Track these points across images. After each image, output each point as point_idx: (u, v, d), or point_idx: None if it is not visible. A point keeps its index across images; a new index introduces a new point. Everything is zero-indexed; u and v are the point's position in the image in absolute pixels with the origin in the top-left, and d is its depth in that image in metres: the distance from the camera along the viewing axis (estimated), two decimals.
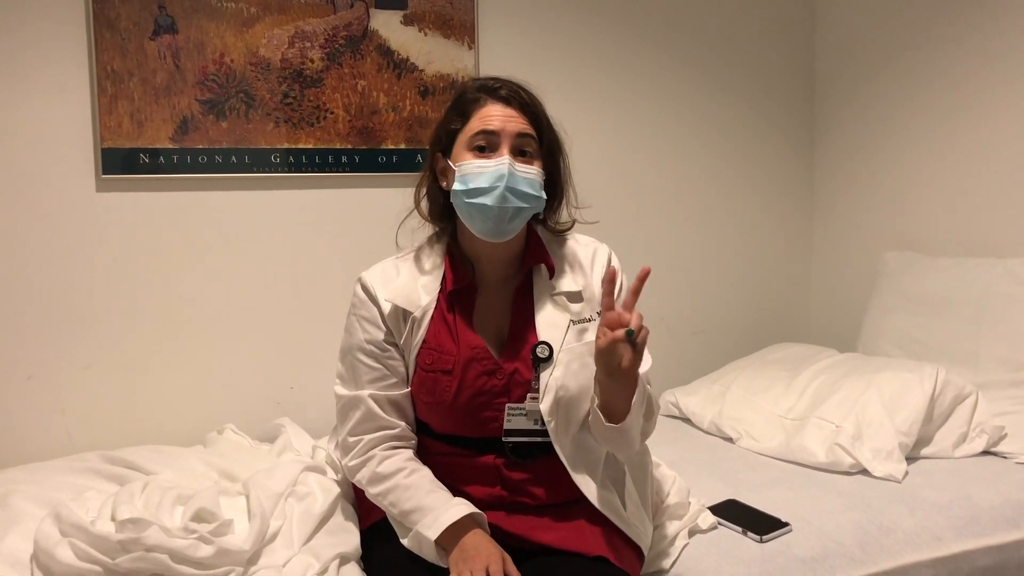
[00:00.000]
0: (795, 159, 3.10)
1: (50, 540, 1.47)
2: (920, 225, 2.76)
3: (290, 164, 2.38)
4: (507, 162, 1.48)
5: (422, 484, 1.49)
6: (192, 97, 2.27)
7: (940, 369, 2.21)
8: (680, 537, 1.70)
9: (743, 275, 3.05)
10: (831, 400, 2.23)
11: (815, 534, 1.77)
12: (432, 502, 1.45)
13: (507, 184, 1.47)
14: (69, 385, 2.22)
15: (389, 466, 1.51)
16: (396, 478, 1.49)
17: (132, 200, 2.24)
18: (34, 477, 1.87)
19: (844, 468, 2.07)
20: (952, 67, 2.63)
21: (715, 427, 2.43)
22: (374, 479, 1.52)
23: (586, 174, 1.68)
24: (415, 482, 1.49)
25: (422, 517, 1.43)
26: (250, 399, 2.38)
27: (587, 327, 1.56)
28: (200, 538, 1.47)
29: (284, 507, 1.63)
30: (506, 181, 1.47)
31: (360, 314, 1.58)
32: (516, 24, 2.62)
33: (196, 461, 1.98)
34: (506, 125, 1.50)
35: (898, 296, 2.62)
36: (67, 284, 2.20)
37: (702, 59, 2.90)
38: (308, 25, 2.37)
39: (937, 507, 1.89)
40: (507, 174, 1.47)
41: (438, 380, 1.53)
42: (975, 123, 2.58)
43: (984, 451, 2.17)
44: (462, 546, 1.40)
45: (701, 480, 2.00)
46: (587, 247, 1.65)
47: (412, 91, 2.49)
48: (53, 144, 2.16)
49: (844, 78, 2.99)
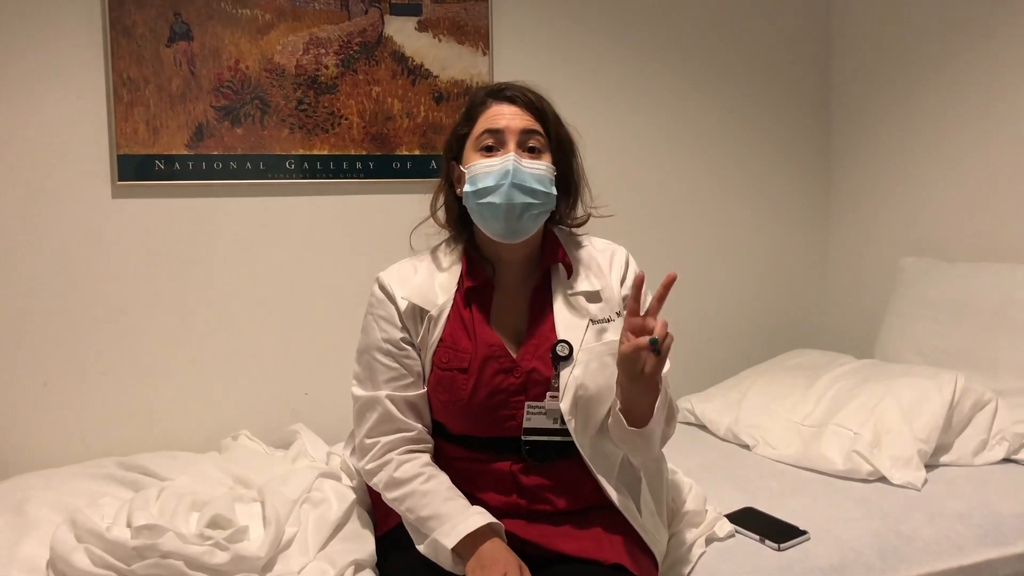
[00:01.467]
0: (811, 165, 3.09)
1: (66, 546, 1.48)
2: (938, 230, 2.74)
3: (305, 170, 2.38)
4: (512, 158, 1.48)
5: (439, 491, 1.48)
6: (207, 104, 2.28)
7: (959, 376, 2.18)
8: (697, 545, 1.69)
9: (760, 281, 3.04)
10: (849, 407, 2.21)
11: (833, 542, 1.75)
12: (449, 510, 1.44)
13: (513, 180, 1.46)
14: (84, 391, 2.23)
15: (406, 471, 1.50)
16: (413, 484, 1.49)
17: (148, 206, 2.26)
18: (50, 483, 1.87)
19: (862, 476, 2.05)
20: (969, 72, 2.61)
21: (732, 434, 2.41)
22: (391, 484, 1.51)
23: (601, 180, 1.68)
24: (432, 488, 1.48)
25: (439, 525, 1.42)
26: (265, 405, 2.38)
27: (606, 327, 1.55)
28: (215, 544, 1.48)
29: (299, 513, 1.63)
30: (511, 177, 1.46)
31: (377, 313, 1.57)
32: (530, 30, 2.62)
33: (211, 467, 1.98)
34: (510, 122, 1.51)
35: (916, 302, 2.60)
36: (83, 290, 2.21)
37: (717, 63, 2.90)
38: (323, 32, 2.38)
39: (957, 515, 1.86)
40: (512, 170, 1.47)
41: (455, 378, 1.52)
42: (992, 127, 2.55)
43: (1004, 459, 2.14)
44: (479, 555, 1.39)
45: (718, 487, 1.98)
46: (604, 249, 1.65)
47: (426, 97, 2.49)
48: (69, 151, 2.18)
49: (860, 82, 2.98)
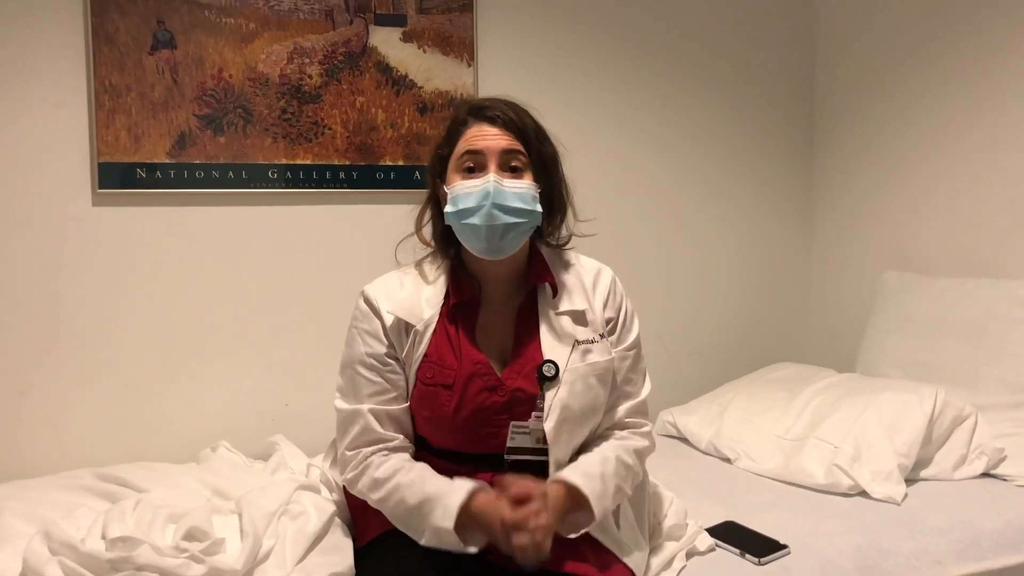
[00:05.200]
0: (794, 178, 3.10)
1: (39, 558, 1.46)
2: (919, 245, 2.75)
3: (288, 180, 2.37)
4: (492, 179, 1.48)
5: (422, 476, 1.48)
6: (190, 112, 2.27)
7: (940, 390, 2.19)
8: (677, 559, 1.68)
9: (741, 295, 3.04)
10: (830, 421, 2.22)
11: (814, 557, 1.75)
12: (434, 489, 1.44)
13: (493, 201, 1.47)
14: (62, 402, 2.20)
15: (386, 470, 1.50)
16: (396, 478, 1.48)
17: (129, 215, 2.24)
18: (25, 494, 1.85)
19: (843, 490, 2.05)
20: (952, 85, 2.63)
21: (713, 447, 2.41)
22: (374, 485, 1.50)
23: (583, 190, 1.68)
24: (415, 478, 1.48)
25: (432, 509, 1.42)
26: (245, 416, 2.36)
27: (591, 348, 1.56)
28: (191, 557, 1.46)
29: (277, 526, 1.62)
30: (492, 198, 1.47)
31: (362, 327, 1.57)
32: (515, 41, 2.62)
33: (189, 479, 1.97)
34: (491, 143, 1.51)
35: (897, 316, 2.61)
36: (61, 299, 2.18)
37: (700, 75, 2.91)
38: (307, 41, 2.37)
39: (937, 530, 1.87)
40: (492, 191, 1.47)
41: (438, 394, 1.52)
42: (975, 143, 2.57)
43: (984, 473, 2.15)
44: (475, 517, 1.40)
45: (699, 501, 1.98)
46: (590, 269, 1.65)
47: (411, 108, 2.49)
48: (50, 158, 2.16)
49: (843, 95, 2.99)
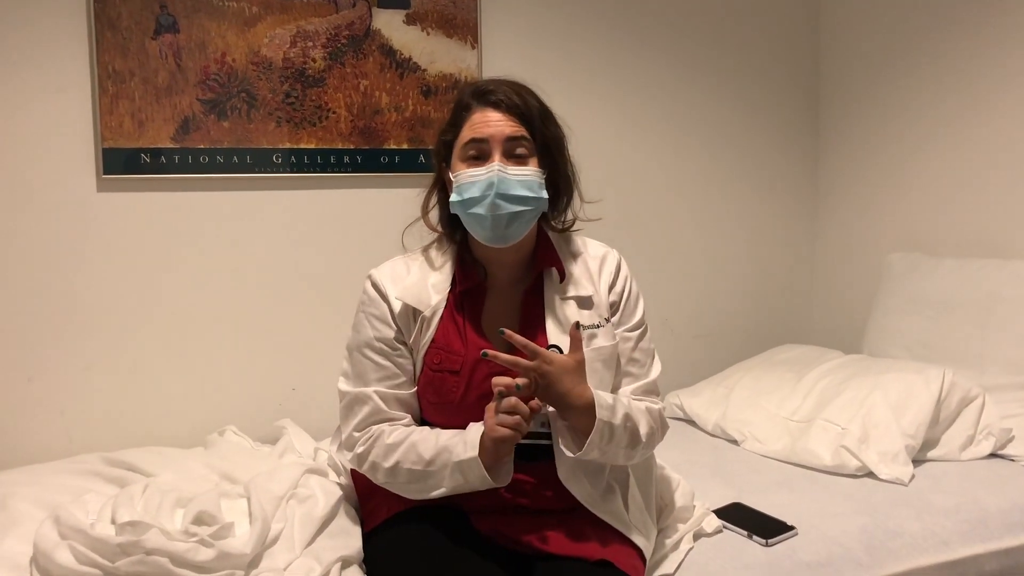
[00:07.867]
0: (799, 160, 3.09)
1: (49, 543, 1.47)
2: (925, 226, 2.74)
3: (292, 164, 2.37)
4: (496, 168, 1.47)
5: (434, 432, 1.49)
6: (193, 97, 2.26)
7: (947, 371, 2.19)
8: (685, 540, 1.69)
9: (747, 277, 3.04)
10: (836, 402, 2.21)
11: (821, 538, 1.75)
12: (450, 436, 1.46)
13: (497, 191, 1.46)
14: (69, 386, 2.21)
15: (398, 435, 1.50)
16: (410, 438, 1.49)
17: (133, 200, 2.24)
18: (33, 479, 1.86)
19: (850, 471, 2.05)
20: (957, 68, 2.61)
21: (720, 429, 2.42)
22: (387, 452, 1.49)
23: (588, 175, 1.67)
24: (428, 435, 1.49)
25: (452, 447, 1.43)
26: (252, 400, 2.37)
27: (596, 333, 1.55)
28: (200, 541, 1.47)
29: (285, 510, 1.62)
30: (496, 188, 1.46)
31: (370, 312, 1.56)
32: (519, 24, 2.60)
33: (197, 463, 1.97)
34: (495, 131, 1.49)
35: (903, 298, 2.60)
36: (67, 285, 2.18)
37: (706, 58, 2.89)
38: (310, 24, 2.36)
39: (944, 511, 1.87)
40: (496, 181, 1.46)
41: (445, 380, 1.52)
42: (981, 124, 2.56)
43: (991, 454, 2.15)
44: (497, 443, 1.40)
45: (706, 483, 1.98)
46: (597, 253, 1.64)
47: (414, 91, 2.48)
48: (54, 144, 2.15)
49: (849, 78, 2.98)
